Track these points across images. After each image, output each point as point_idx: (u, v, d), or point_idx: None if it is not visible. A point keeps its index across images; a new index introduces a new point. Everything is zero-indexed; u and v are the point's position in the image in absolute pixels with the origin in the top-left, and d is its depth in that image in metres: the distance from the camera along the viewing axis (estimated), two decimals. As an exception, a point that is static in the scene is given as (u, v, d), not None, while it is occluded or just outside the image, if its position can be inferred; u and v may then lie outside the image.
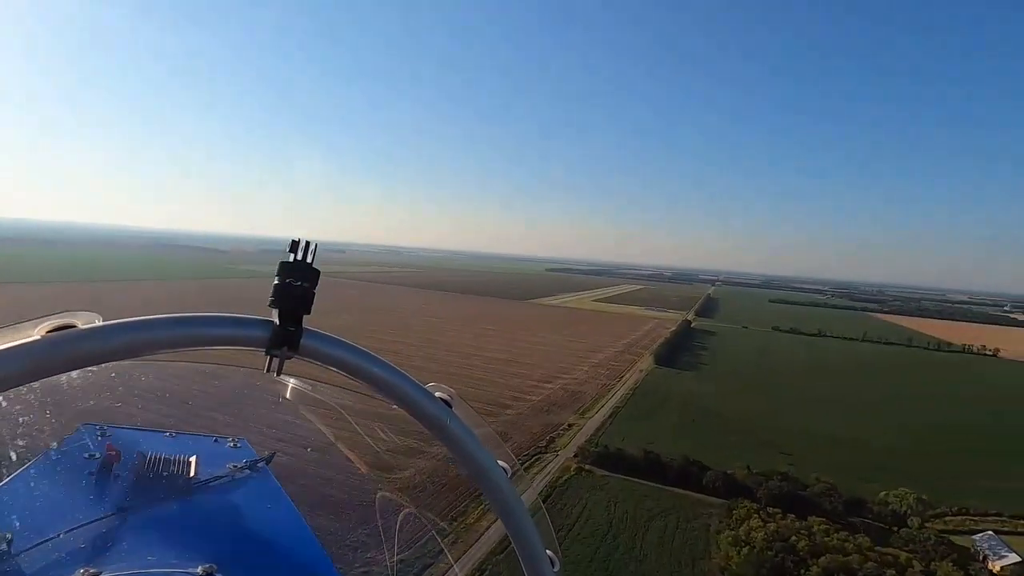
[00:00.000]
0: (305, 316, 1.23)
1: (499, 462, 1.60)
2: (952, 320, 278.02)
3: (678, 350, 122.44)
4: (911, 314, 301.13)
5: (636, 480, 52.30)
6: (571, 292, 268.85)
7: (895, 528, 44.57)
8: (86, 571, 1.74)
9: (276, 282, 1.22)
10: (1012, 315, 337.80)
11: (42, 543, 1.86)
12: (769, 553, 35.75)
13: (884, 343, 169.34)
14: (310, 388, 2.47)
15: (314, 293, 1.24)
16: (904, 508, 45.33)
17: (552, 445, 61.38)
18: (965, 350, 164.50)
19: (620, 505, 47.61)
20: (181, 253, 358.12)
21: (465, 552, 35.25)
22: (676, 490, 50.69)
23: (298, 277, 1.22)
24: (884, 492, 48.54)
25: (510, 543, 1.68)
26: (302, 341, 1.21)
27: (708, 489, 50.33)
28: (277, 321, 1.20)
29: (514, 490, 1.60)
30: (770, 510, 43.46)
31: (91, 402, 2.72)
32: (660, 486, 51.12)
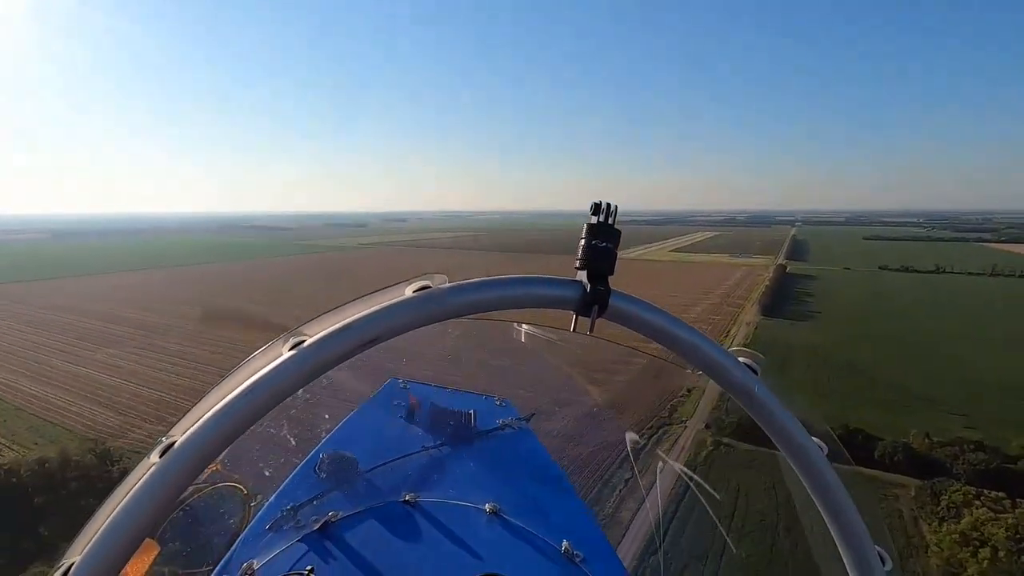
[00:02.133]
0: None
1: (814, 439, 1.43)
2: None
3: (783, 298, 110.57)
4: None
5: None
6: (644, 244, 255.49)
7: None
8: (409, 494, 2.32)
9: (582, 243, 1.23)
10: None
11: (376, 468, 2.48)
12: (1025, 559, 27.37)
13: (1020, 275, 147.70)
14: (608, 343, 2.59)
15: (617, 254, 1.24)
16: None
17: (675, 415, 54.32)
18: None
19: (781, 487, 40.08)
20: (249, 235, 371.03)
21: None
22: (841, 466, 42.30)
23: (603, 238, 1.23)
24: None
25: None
26: (611, 302, 1.22)
27: (884, 464, 41.76)
28: (586, 282, 1.21)
29: (834, 472, 1.41)
30: (987, 492, 34.46)
31: (403, 361, 3.53)
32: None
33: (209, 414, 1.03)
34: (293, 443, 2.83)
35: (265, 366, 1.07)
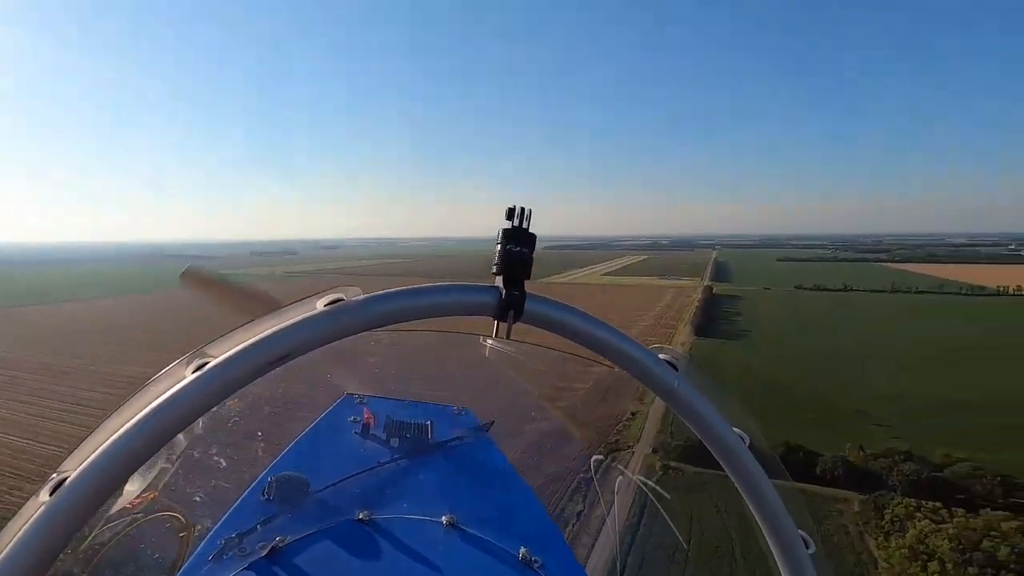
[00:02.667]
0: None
1: (735, 430, 1.47)
2: (969, 263, 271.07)
3: (712, 318, 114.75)
4: (922, 260, 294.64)
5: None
6: (577, 268, 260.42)
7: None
8: (363, 512, 2.25)
9: (498, 248, 1.23)
10: (1022, 252, 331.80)
11: (328, 487, 2.37)
12: (971, 571, 27.83)
13: (916, 292, 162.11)
14: (520, 353, 2.67)
15: (533, 258, 1.25)
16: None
17: (622, 439, 53.46)
18: (1001, 292, 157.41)
19: (732, 508, 39.67)
20: (172, 264, 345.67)
21: None
22: (785, 483, 42.78)
23: (517, 243, 1.23)
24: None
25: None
26: (527, 305, 1.22)
27: (824, 479, 42.55)
28: (502, 287, 1.22)
29: (755, 462, 1.46)
30: (925, 504, 35.48)
31: (351, 370, 3.43)
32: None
33: (105, 445, 0.97)
34: (240, 468, 2.73)
35: (166, 390, 1.02)
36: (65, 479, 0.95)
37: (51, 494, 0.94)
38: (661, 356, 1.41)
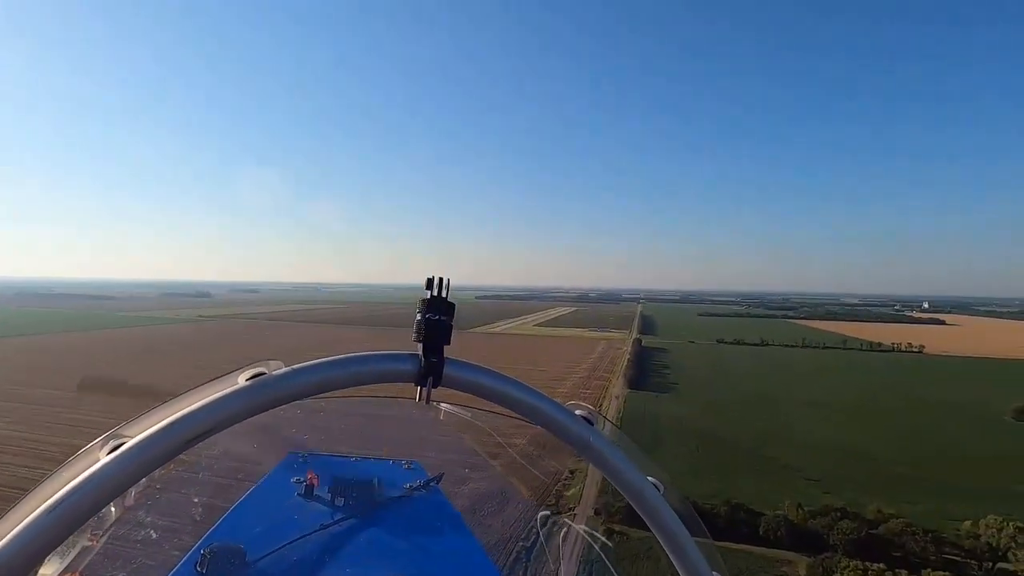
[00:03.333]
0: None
1: (649, 478, 1.55)
2: (864, 322, 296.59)
3: (644, 370, 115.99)
4: (822, 318, 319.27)
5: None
6: (509, 319, 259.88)
7: (992, 566, 38.10)
8: None
9: (418, 318, 1.30)
10: (908, 314, 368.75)
11: (267, 555, 2.26)
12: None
13: (823, 347, 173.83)
14: (462, 411, 2.73)
15: (451, 325, 1.32)
16: (1000, 540, 38.75)
17: (563, 501, 50.63)
18: (895, 349, 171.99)
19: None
20: (61, 303, 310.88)
21: None
22: (730, 544, 41.54)
23: (436, 311, 1.30)
24: (969, 522, 42.04)
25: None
26: (445, 371, 1.30)
27: (768, 540, 41.69)
28: (422, 355, 1.29)
29: (669, 508, 1.56)
30: (871, 566, 35.08)
31: (292, 432, 3.44)
32: (710, 542, 41.69)
33: (12, 534, 0.94)
34: (171, 540, 2.61)
35: (79, 474, 1.00)
36: None
37: None
38: (577, 412, 1.48)
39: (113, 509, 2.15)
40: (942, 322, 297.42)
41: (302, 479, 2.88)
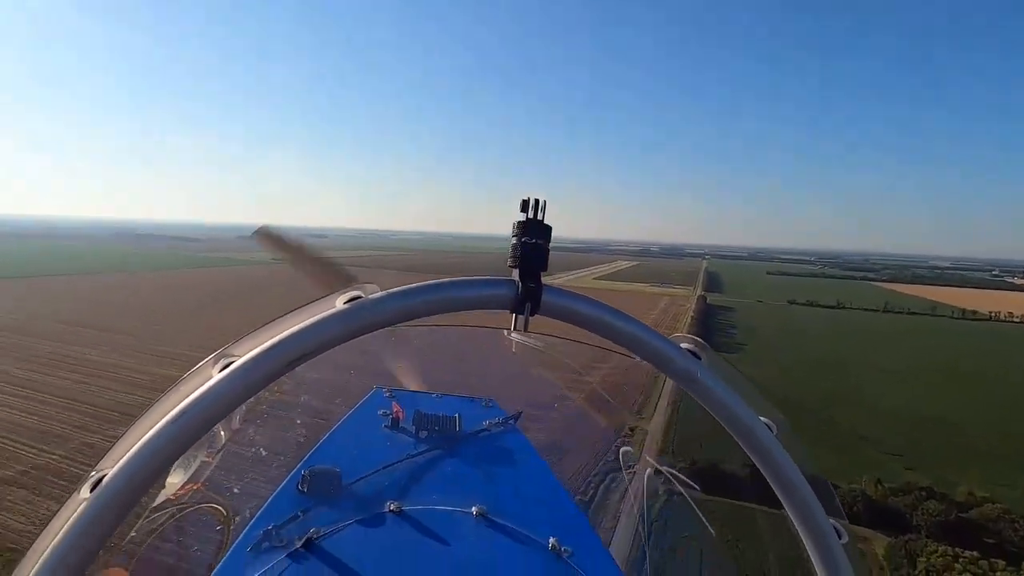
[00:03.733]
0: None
1: (761, 418, 1.44)
2: (956, 287, 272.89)
3: (708, 329, 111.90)
4: (908, 281, 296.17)
5: (746, 504, 41.10)
6: (569, 271, 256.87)
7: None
8: (393, 503, 2.30)
9: (513, 241, 1.23)
10: (1006, 279, 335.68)
11: (359, 480, 2.46)
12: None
13: (908, 313, 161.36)
14: (543, 345, 2.78)
15: (549, 250, 1.25)
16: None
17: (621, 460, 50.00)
18: (992, 317, 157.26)
19: (745, 543, 36.25)
20: (151, 244, 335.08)
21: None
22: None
23: (533, 235, 1.23)
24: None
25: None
26: (543, 298, 1.22)
27: (844, 514, 39.39)
28: (518, 280, 1.21)
29: (783, 449, 1.43)
30: (962, 553, 32.31)
31: (382, 363, 3.59)
32: (779, 511, 39.82)
33: (139, 444, 1.01)
34: (275, 461, 2.83)
35: (194, 390, 1.05)
36: (103, 476, 1.00)
37: (91, 491, 0.99)
38: (683, 345, 1.38)
39: (223, 432, 2.42)
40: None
41: (388, 412, 3.05)
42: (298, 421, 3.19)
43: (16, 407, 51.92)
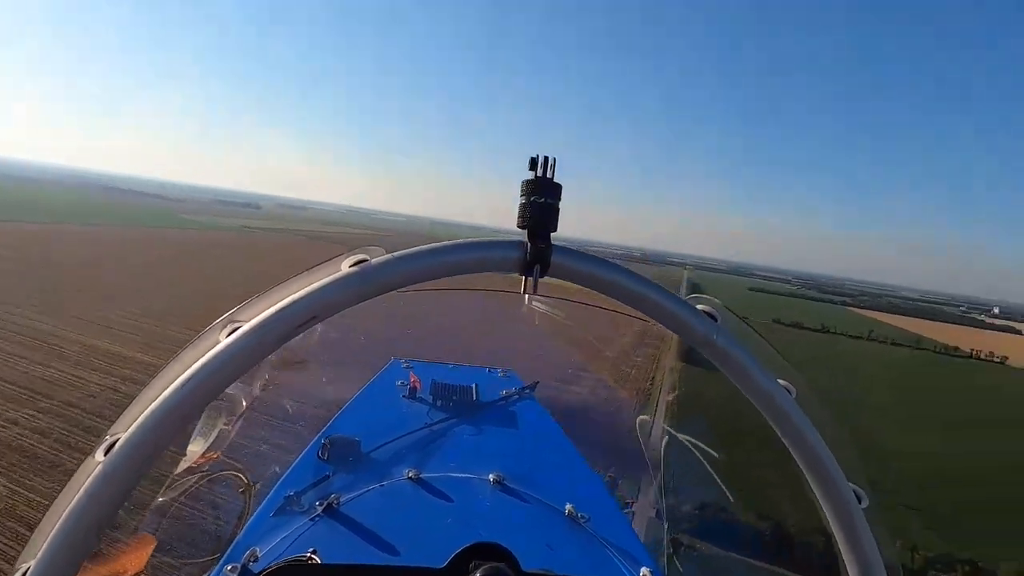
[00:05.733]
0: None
1: (780, 381, 1.36)
2: (932, 320, 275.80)
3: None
4: (885, 310, 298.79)
5: (760, 564, 35.08)
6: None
7: None
8: (411, 471, 2.36)
9: (522, 201, 1.15)
10: (978, 318, 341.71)
11: (378, 448, 2.53)
12: None
13: (891, 343, 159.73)
14: (551, 308, 2.77)
15: (559, 209, 1.15)
16: None
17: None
18: (974, 356, 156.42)
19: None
20: (126, 198, 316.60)
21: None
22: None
23: (542, 194, 1.14)
24: None
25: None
26: (554, 259, 1.13)
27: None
28: (527, 240, 1.13)
29: (802, 413, 1.34)
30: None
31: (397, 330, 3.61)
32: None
33: (149, 409, 1.02)
34: (295, 430, 2.93)
35: (202, 355, 1.05)
36: (117, 440, 1.01)
37: (105, 454, 1.01)
38: (699, 307, 1.29)
39: (243, 400, 2.50)
40: (1019, 331, 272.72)
41: (406, 382, 3.17)
42: (312, 394, 3.23)
43: None
